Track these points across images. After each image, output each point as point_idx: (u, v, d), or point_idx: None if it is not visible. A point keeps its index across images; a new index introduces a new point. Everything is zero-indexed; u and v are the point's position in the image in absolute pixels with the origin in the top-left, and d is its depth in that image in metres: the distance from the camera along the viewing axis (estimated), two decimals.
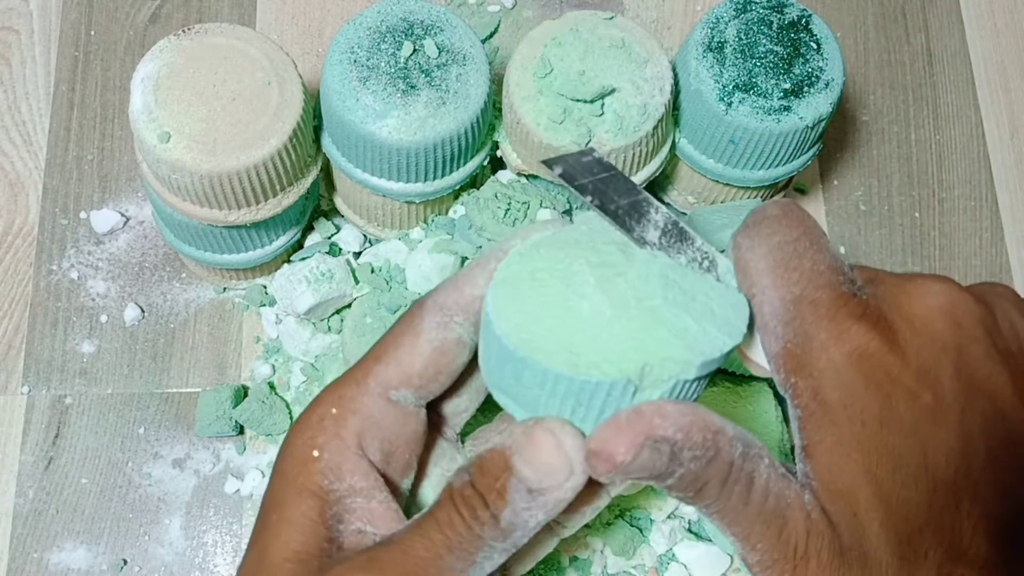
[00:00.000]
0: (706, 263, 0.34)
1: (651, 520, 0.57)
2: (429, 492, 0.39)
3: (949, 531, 0.28)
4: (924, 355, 0.29)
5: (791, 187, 0.68)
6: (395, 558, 0.31)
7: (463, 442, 0.41)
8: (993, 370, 0.29)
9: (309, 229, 0.62)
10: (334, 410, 0.35)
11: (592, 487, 0.33)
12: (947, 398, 0.29)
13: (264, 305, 0.63)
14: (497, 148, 0.58)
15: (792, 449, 0.44)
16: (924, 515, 0.28)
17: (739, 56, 0.54)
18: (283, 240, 0.60)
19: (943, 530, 0.28)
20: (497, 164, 0.60)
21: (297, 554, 0.32)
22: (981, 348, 0.29)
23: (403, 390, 0.35)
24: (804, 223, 0.32)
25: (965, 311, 0.29)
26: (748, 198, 0.60)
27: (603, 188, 0.35)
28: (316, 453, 0.34)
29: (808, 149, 0.57)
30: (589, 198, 0.35)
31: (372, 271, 0.59)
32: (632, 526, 0.57)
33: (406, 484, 0.37)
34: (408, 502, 0.38)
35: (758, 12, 0.55)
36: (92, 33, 0.70)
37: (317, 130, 0.57)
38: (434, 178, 0.56)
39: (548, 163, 0.37)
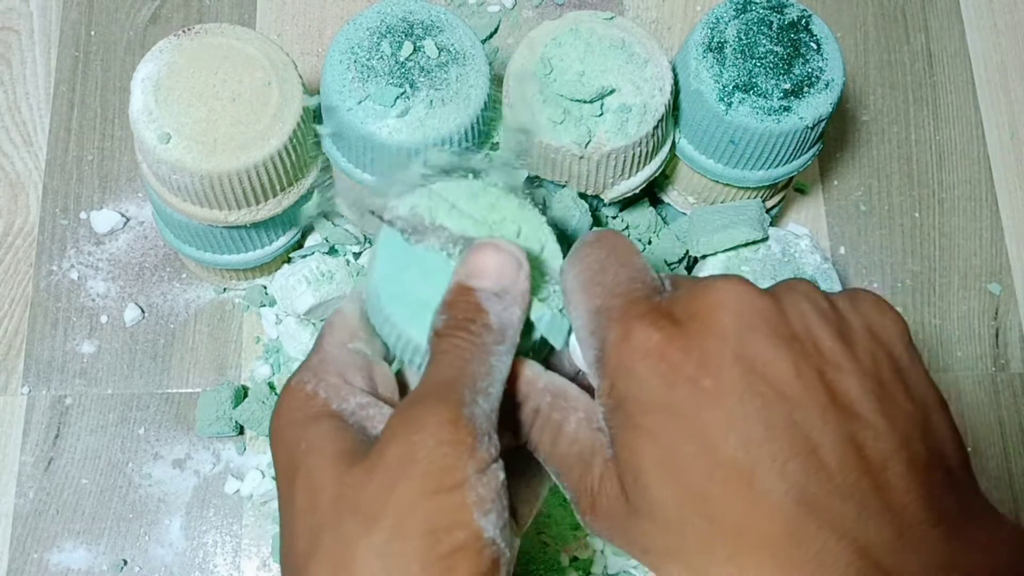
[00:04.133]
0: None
1: None
2: None
3: (733, 505, 0.30)
4: (705, 345, 0.32)
5: (791, 187, 0.68)
6: (431, 387, 0.34)
7: None
8: (775, 355, 0.31)
9: (309, 229, 0.62)
10: (309, 372, 0.38)
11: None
12: (726, 382, 0.31)
13: (264, 305, 0.63)
14: (497, 148, 0.58)
15: None
16: (703, 489, 0.31)
17: (739, 56, 0.54)
18: (283, 240, 0.60)
19: (726, 504, 0.30)
20: None
21: (343, 452, 0.34)
22: (762, 336, 0.32)
23: (355, 343, 0.39)
24: (613, 244, 0.36)
25: (747, 304, 0.32)
26: (748, 198, 0.60)
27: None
28: (311, 391, 0.37)
29: (808, 149, 0.57)
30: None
31: None
32: None
33: None
34: None
35: (758, 12, 0.55)
36: (92, 33, 0.70)
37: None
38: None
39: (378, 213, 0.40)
